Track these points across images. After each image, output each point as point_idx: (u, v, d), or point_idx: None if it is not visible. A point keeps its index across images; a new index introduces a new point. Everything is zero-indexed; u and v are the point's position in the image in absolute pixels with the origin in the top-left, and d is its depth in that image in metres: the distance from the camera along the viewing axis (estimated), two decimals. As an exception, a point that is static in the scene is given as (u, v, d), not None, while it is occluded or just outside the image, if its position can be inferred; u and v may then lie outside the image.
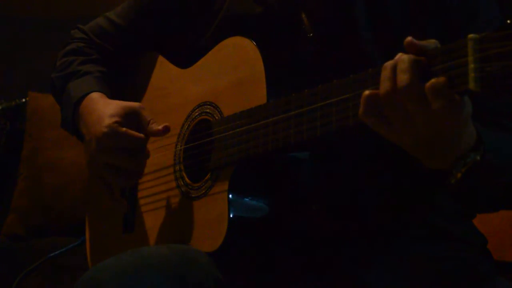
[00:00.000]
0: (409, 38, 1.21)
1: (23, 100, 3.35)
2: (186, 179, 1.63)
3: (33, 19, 3.64)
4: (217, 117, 1.59)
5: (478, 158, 1.27)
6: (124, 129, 1.63)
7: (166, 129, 1.64)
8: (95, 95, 1.74)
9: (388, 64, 1.23)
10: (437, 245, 1.55)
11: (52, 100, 1.92)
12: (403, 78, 1.20)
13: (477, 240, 1.62)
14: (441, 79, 1.16)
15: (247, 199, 1.52)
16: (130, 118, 1.66)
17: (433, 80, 1.17)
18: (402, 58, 1.21)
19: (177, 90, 1.73)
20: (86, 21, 1.96)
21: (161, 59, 1.81)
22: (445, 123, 1.20)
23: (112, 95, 1.78)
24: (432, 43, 1.21)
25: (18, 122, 3.34)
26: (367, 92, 1.24)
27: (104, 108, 1.67)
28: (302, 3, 1.60)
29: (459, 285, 1.49)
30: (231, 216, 1.49)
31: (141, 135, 1.64)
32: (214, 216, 1.53)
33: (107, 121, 1.63)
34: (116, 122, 1.63)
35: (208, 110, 1.62)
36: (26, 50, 3.58)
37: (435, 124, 1.20)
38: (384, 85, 1.22)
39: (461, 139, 1.25)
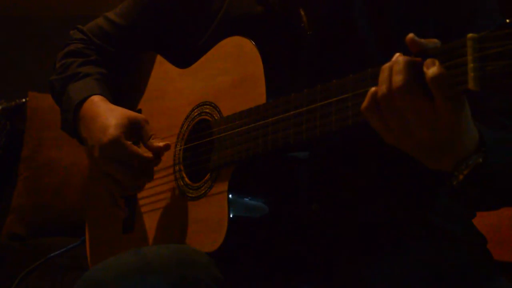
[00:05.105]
0: (410, 35, 1.20)
1: (23, 100, 3.35)
2: (186, 179, 1.63)
3: (33, 19, 3.64)
4: (216, 117, 1.59)
5: (480, 160, 1.27)
6: (129, 142, 1.63)
7: (166, 147, 1.64)
8: (96, 99, 1.74)
9: (385, 66, 1.23)
10: (437, 245, 1.55)
11: (52, 100, 1.91)
12: (397, 79, 1.19)
13: (477, 240, 1.62)
14: (442, 69, 1.15)
15: (247, 199, 1.52)
16: (134, 130, 1.66)
17: (434, 69, 1.16)
18: (397, 59, 1.20)
19: (176, 90, 1.72)
20: (86, 21, 1.96)
21: (160, 59, 1.81)
22: (442, 123, 1.19)
23: (112, 97, 1.78)
24: (433, 42, 1.21)
25: (18, 122, 3.34)
26: (373, 89, 1.23)
27: (108, 115, 1.66)
28: (302, 1, 1.60)
29: (459, 285, 1.49)
30: (231, 216, 1.49)
31: (145, 154, 1.63)
32: (214, 216, 1.52)
33: (113, 131, 1.63)
34: (122, 132, 1.63)
35: (207, 110, 1.62)
36: (26, 50, 3.58)
37: (432, 126, 1.19)
38: (381, 88, 1.22)
39: (461, 141, 1.24)
